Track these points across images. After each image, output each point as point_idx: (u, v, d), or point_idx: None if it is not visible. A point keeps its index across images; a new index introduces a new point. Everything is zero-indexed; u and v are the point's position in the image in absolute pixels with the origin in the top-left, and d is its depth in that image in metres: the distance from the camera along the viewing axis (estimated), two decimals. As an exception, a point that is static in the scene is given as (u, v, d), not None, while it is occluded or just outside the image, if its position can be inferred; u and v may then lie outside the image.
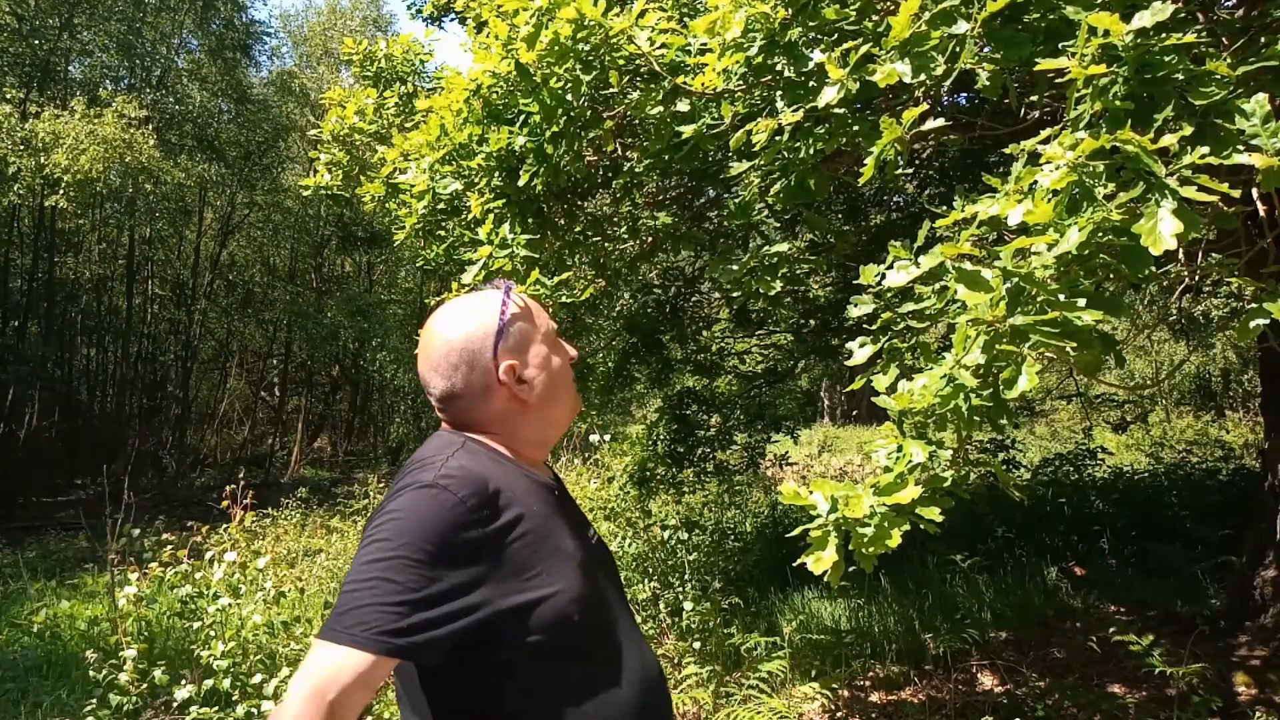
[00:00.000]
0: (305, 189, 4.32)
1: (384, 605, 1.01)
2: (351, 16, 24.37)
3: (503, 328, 1.25)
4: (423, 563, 1.04)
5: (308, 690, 0.96)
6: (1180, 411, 16.12)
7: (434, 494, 1.09)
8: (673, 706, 1.29)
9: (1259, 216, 1.73)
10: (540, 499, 1.22)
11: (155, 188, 15.18)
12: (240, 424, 22.85)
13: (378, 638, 0.99)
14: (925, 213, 1.94)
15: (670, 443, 5.92)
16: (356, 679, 0.98)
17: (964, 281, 1.31)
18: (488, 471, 1.17)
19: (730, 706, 3.60)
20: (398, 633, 1.00)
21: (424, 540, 1.05)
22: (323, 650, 1.00)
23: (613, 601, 1.25)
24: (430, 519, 1.07)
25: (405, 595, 1.02)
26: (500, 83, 2.66)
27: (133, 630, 4.13)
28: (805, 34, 1.95)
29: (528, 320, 1.29)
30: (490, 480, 1.15)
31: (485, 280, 2.60)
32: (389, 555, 1.04)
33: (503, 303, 1.27)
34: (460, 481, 1.11)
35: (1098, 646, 3.93)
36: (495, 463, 1.22)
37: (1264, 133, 1.25)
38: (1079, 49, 1.34)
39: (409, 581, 1.02)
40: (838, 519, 1.34)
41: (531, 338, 1.29)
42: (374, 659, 0.99)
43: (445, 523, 1.07)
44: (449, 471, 1.13)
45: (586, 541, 1.27)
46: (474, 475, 1.14)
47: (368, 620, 1.00)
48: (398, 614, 1.00)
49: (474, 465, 1.17)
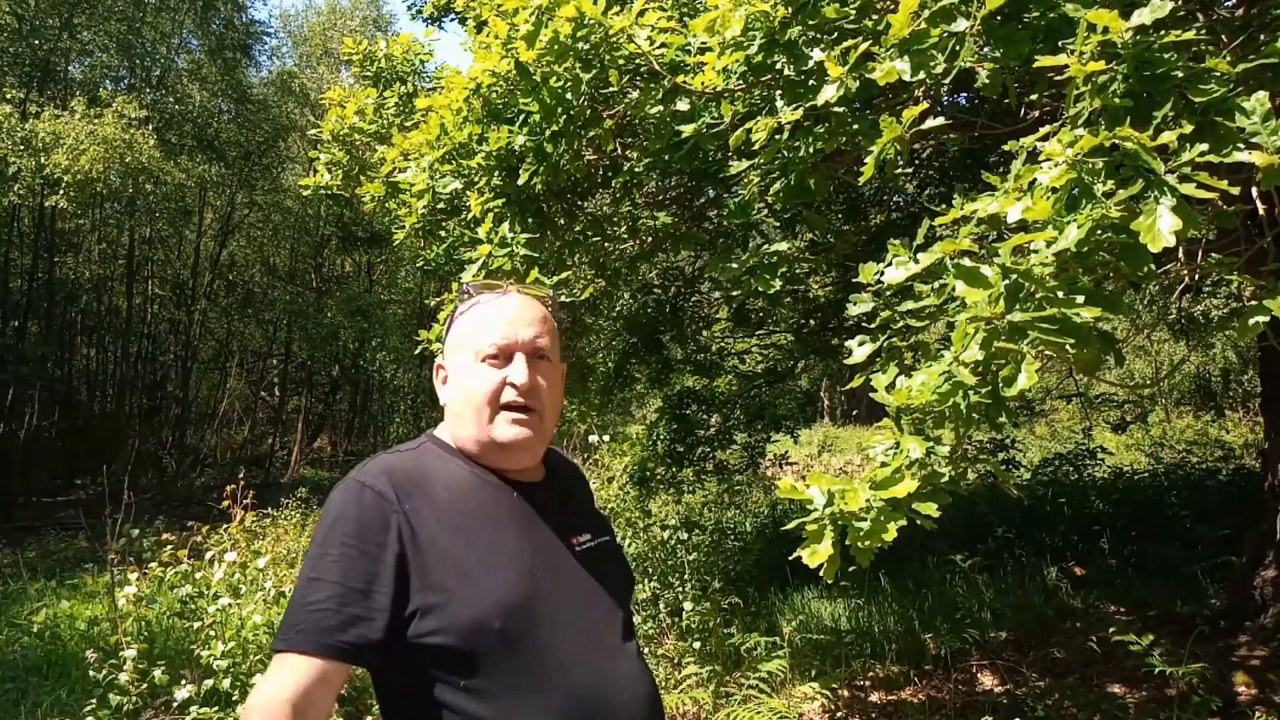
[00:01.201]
0: (305, 189, 4.32)
1: (314, 605, 1.04)
2: (351, 16, 24.38)
3: (447, 329, 1.28)
4: (346, 557, 1.06)
5: (265, 697, 0.99)
6: (1180, 411, 16.11)
7: (354, 489, 1.12)
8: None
9: (1258, 215, 1.73)
10: (484, 498, 1.19)
11: (155, 188, 15.17)
12: (240, 424, 22.85)
13: (315, 638, 1.02)
14: (925, 211, 1.94)
15: (670, 443, 5.92)
16: (310, 682, 1.00)
17: (963, 278, 1.31)
18: (420, 468, 1.17)
19: (730, 706, 3.60)
20: (330, 630, 1.02)
21: (343, 535, 1.08)
22: (275, 661, 1.03)
23: (573, 616, 1.15)
24: (349, 514, 1.10)
25: (331, 590, 1.04)
26: (500, 82, 2.66)
27: (133, 630, 4.13)
28: (805, 33, 1.95)
29: (469, 328, 1.24)
30: (414, 476, 1.15)
31: (485, 280, 2.60)
32: (316, 555, 1.08)
33: (456, 307, 1.28)
34: (377, 476, 1.13)
35: (1098, 646, 3.93)
36: (442, 460, 1.21)
37: (1264, 130, 1.25)
38: (1078, 46, 1.34)
39: (334, 577, 1.05)
40: (833, 513, 1.34)
41: (460, 348, 1.23)
42: (320, 661, 1.01)
43: (361, 517, 1.09)
44: (372, 468, 1.15)
45: (554, 549, 1.20)
46: (394, 470, 1.15)
47: (302, 623, 1.03)
48: (328, 611, 1.03)
49: (401, 462, 1.17)
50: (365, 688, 3.53)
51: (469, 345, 1.22)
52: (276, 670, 1.02)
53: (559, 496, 1.30)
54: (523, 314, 1.23)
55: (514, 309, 1.24)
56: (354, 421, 25.07)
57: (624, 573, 1.34)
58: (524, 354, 1.20)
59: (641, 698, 1.18)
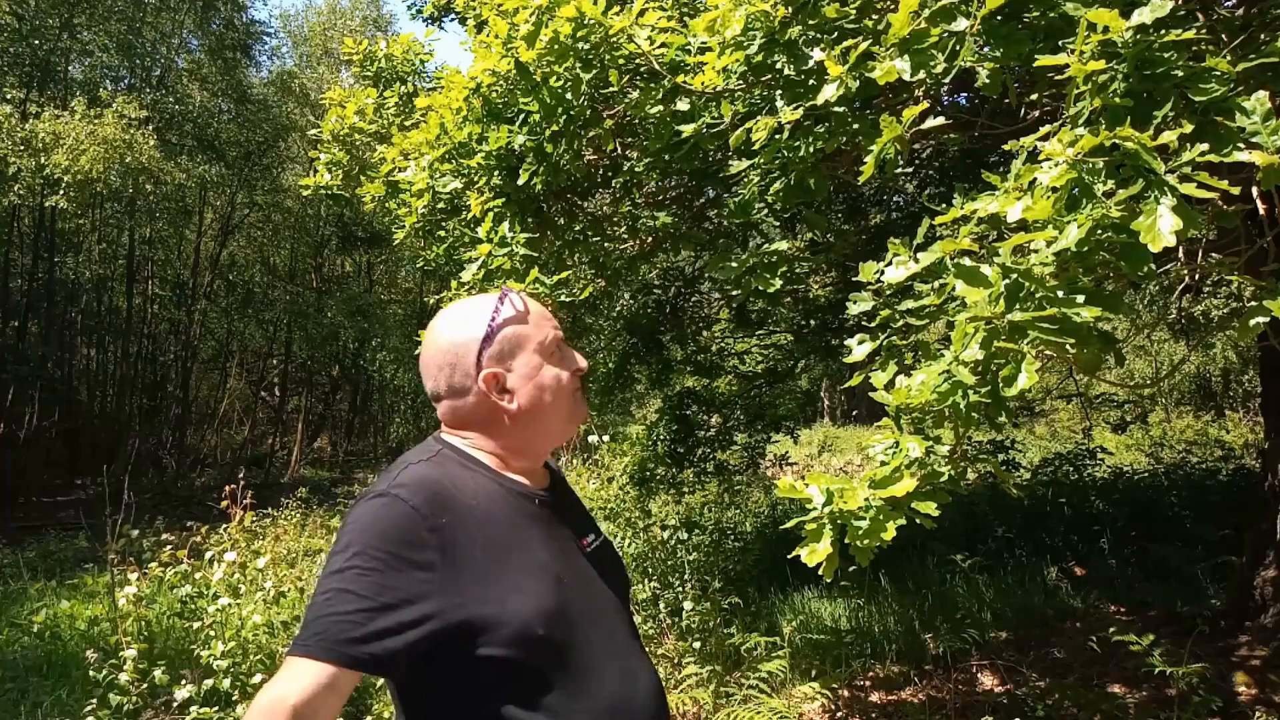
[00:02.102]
0: (305, 189, 4.32)
1: (340, 615, 1.03)
2: (351, 16, 24.39)
3: (489, 334, 1.22)
4: (376, 570, 1.05)
5: (272, 698, 0.99)
6: (1180, 411, 16.12)
7: (387, 503, 1.10)
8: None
9: (1259, 215, 1.73)
10: (511, 508, 1.19)
11: (155, 188, 15.16)
12: (240, 424, 22.87)
13: (334, 647, 1.01)
14: (925, 211, 1.94)
15: (670, 443, 5.92)
16: (319, 689, 0.99)
17: (963, 277, 1.30)
18: (449, 479, 1.17)
19: (730, 706, 3.60)
20: (353, 642, 1.01)
21: (376, 549, 1.06)
22: (288, 663, 1.02)
23: (597, 617, 1.19)
24: (382, 527, 1.08)
25: (359, 604, 1.03)
26: (500, 81, 2.66)
27: (133, 630, 4.13)
28: (805, 32, 1.95)
29: (521, 328, 1.24)
30: (447, 488, 1.14)
31: (485, 279, 2.60)
32: (344, 566, 1.06)
33: (495, 308, 1.24)
34: (413, 489, 1.12)
35: (1098, 646, 3.93)
36: (466, 470, 1.21)
37: (1264, 130, 1.25)
38: (1078, 45, 1.33)
39: (363, 590, 1.04)
40: (832, 511, 1.34)
41: (523, 346, 1.24)
42: (334, 669, 1.01)
43: (396, 530, 1.08)
44: (403, 480, 1.14)
45: (572, 553, 1.23)
46: (428, 483, 1.14)
47: (325, 631, 1.02)
48: (353, 623, 1.02)
49: (432, 473, 1.16)
50: (366, 689, 3.53)
51: (531, 340, 1.25)
52: (287, 672, 1.01)
53: (563, 500, 1.32)
54: (543, 310, 1.31)
55: (537, 306, 1.29)
56: (354, 421, 25.10)
57: (623, 571, 1.37)
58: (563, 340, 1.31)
59: (655, 692, 1.22)
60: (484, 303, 1.26)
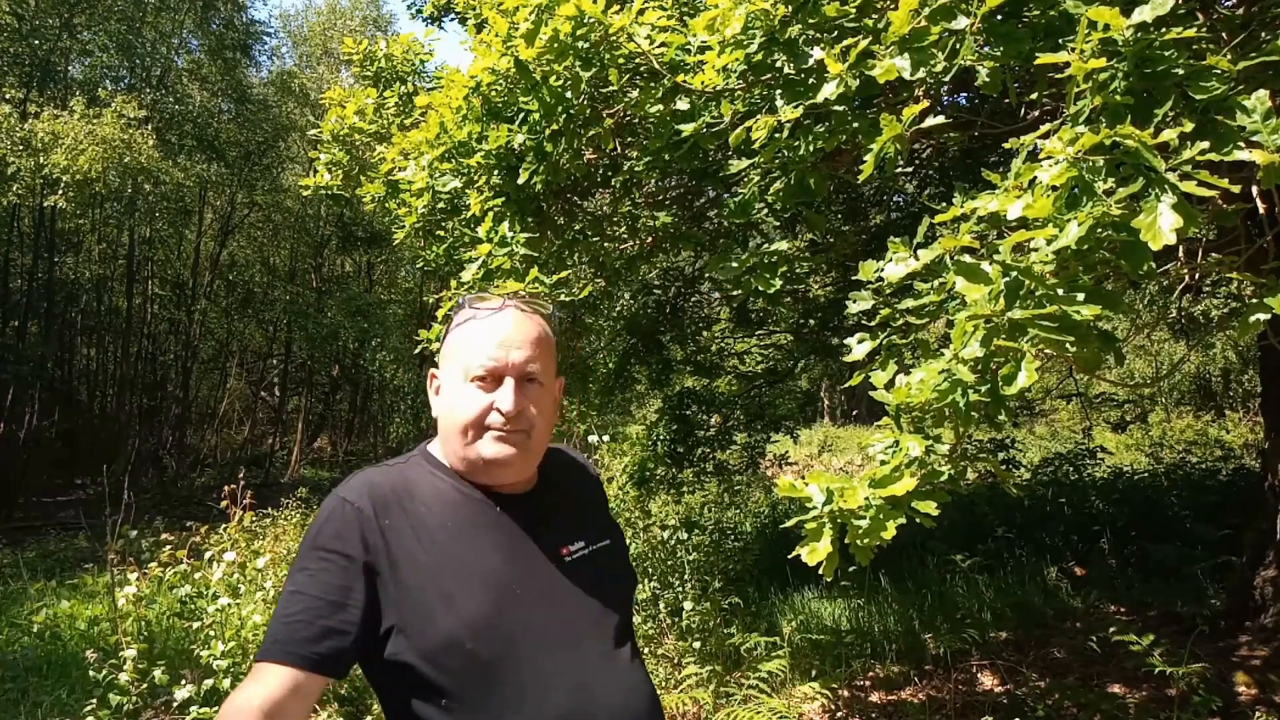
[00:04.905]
0: (305, 189, 4.31)
1: (290, 617, 1.06)
2: (351, 16, 24.37)
3: (444, 338, 1.27)
4: (324, 570, 1.08)
5: (236, 706, 1.01)
6: (1180, 411, 16.12)
7: (334, 507, 1.14)
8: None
9: (1259, 214, 1.73)
10: (465, 514, 1.17)
11: (155, 188, 15.15)
12: (240, 424, 22.88)
13: (289, 649, 1.04)
14: (925, 211, 1.93)
15: (670, 443, 5.92)
16: (283, 692, 1.02)
17: (962, 274, 1.30)
18: (403, 483, 1.18)
19: (730, 706, 3.59)
20: (305, 642, 1.04)
21: (321, 550, 1.10)
22: (254, 670, 1.06)
23: (555, 629, 1.14)
24: (328, 529, 1.11)
25: (307, 604, 1.06)
26: (500, 80, 2.66)
27: (133, 630, 4.12)
28: (805, 31, 1.95)
29: (459, 341, 1.21)
30: (398, 491, 1.16)
31: (484, 279, 2.60)
32: (296, 570, 1.10)
33: (453, 315, 1.27)
34: (359, 492, 1.14)
35: (1098, 646, 3.93)
36: (430, 474, 1.21)
37: (1264, 129, 1.25)
38: (1079, 44, 1.33)
39: (311, 590, 1.07)
40: (833, 511, 1.34)
41: (451, 364, 1.21)
42: (294, 671, 1.03)
43: (340, 532, 1.11)
44: (352, 484, 1.16)
45: (537, 562, 1.18)
46: (375, 486, 1.15)
47: (279, 634, 1.05)
48: (303, 623, 1.05)
49: (382, 478, 1.18)
50: (366, 688, 3.52)
51: (459, 363, 1.19)
52: (251, 678, 1.04)
53: (550, 505, 1.26)
54: (515, 335, 1.19)
55: (507, 329, 1.19)
56: (354, 421, 25.08)
57: (624, 577, 1.31)
58: (513, 378, 1.17)
59: (633, 706, 1.15)
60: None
